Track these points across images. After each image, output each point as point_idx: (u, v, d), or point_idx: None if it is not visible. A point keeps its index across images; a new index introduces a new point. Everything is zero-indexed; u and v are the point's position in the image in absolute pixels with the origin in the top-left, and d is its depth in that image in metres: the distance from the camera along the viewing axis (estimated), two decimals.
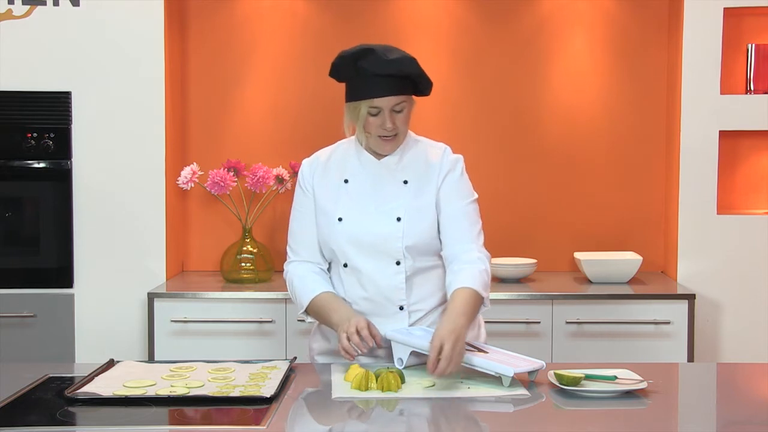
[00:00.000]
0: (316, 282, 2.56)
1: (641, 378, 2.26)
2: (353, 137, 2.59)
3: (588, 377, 2.27)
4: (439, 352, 2.24)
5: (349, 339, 2.36)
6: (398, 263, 2.51)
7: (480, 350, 2.40)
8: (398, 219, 2.51)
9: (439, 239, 2.56)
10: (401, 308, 2.53)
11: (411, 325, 2.53)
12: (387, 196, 2.54)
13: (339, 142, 2.66)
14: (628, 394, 2.19)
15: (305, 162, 2.68)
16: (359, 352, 2.37)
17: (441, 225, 2.56)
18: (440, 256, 2.57)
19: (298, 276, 2.59)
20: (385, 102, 2.43)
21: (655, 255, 4.04)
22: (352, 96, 2.48)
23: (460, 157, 2.62)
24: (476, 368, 2.30)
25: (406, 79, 2.45)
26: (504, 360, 2.32)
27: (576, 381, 2.23)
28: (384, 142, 2.50)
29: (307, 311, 2.57)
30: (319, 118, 4.05)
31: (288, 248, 2.65)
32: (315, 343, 2.69)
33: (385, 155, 2.54)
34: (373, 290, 2.52)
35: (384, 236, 2.50)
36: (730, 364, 3.24)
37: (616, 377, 2.27)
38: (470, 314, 2.38)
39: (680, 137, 3.78)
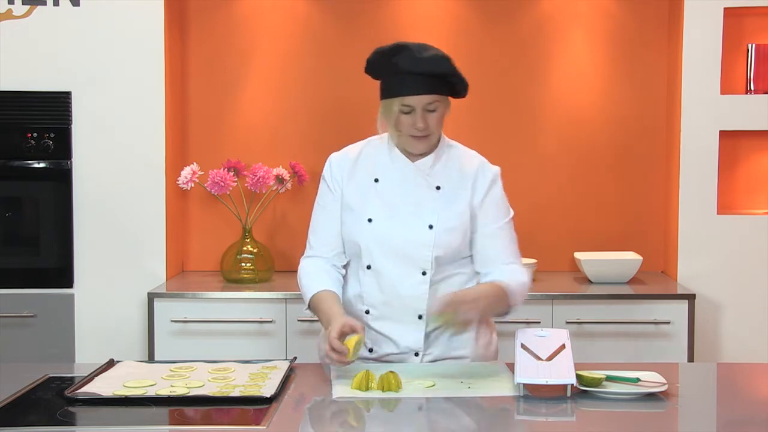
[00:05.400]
0: (320, 279, 2.52)
1: (665, 381, 2.23)
2: (385, 135, 2.55)
3: (609, 378, 2.24)
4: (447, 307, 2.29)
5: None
6: (424, 273, 2.48)
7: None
8: (430, 227, 2.47)
9: (470, 253, 2.54)
10: (420, 317, 2.50)
11: (428, 333, 2.51)
12: (418, 200, 2.49)
13: (369, 138, 2.61)
14: (649, 396, 2.17)
15: (333, 158, 2.60)
16: (342, 362, 2.30)
17: (479, 242, 2.53)
18: (463, 264, 2.55)
19: (306, 272, 2.56)
20: (417, 100, 2.39)
21: (655, 255, 4.04)
22: (385, 93, 2.45)
23: (499, 169, 2.59)
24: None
25: (440, 78, 2.40)
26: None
27: (597, 382, 2.21)
28: (415, 141, 2.46)
29: (309, 308, 2.55)
30: (320, 118, 4.06)
31: (307, 242, 2.61)
32: (324, 344, 2.65)
33: (419, 158, 2.50)
34: (393, 296, 2.49)
35: (414, 243, 2.47)
36: (730, 364, 3.24)
37: (638, 379, 2.24)
38: (491, 299, 2.40)
39: (680, 137, 3.78)
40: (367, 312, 2.52)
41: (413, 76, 2.38)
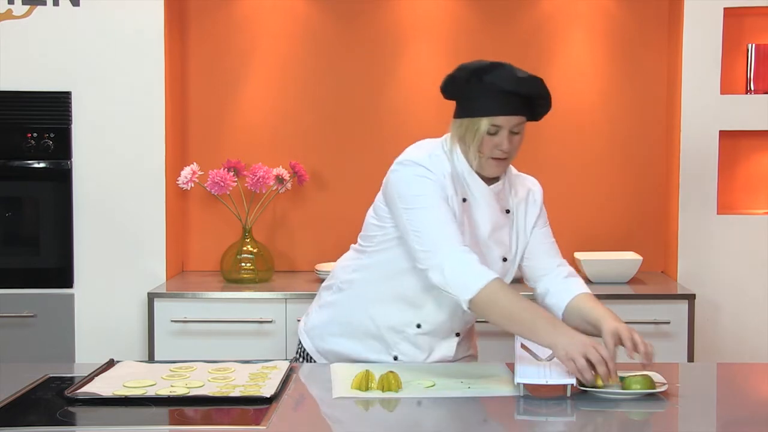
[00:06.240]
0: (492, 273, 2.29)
1: (665, 381, 2.23)
2: (449, 150, 2.40)
3: None
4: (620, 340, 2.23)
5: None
6: None
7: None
8: (504, 259, 2.45)
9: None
10: (458, 334, 2.50)
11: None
12: (494, 226, 2.43)
13: (433, 149, 2.41)
14: (649, 396, 2.17)
15: (423, 156, 2.37)
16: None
17: (531, 245, 2.52)
18: None
19: (474, 259, 2.28)
20: (507, 121, 2.31)
21: (655, 255, 4.04)
22: (470, 111, 2.33)
23: (536, 181, 2.60)
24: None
25: (529, 99, 2.34)
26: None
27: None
28: (496, 164, 2.36)
29: (472, 301, 2.25)
30: (320, 118, 4.06)
31: (438, 239, 2.29)
32: (330, 341, 2.56)
33: (492, 182, 2.42)
34: (450, 316, 2.43)
35: None
36: (730, 364, 3.24)
37: None
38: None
39: (680, 137, 3.78)
40: (419, 326, 2.46)
41: (506, 95, 2.30)
